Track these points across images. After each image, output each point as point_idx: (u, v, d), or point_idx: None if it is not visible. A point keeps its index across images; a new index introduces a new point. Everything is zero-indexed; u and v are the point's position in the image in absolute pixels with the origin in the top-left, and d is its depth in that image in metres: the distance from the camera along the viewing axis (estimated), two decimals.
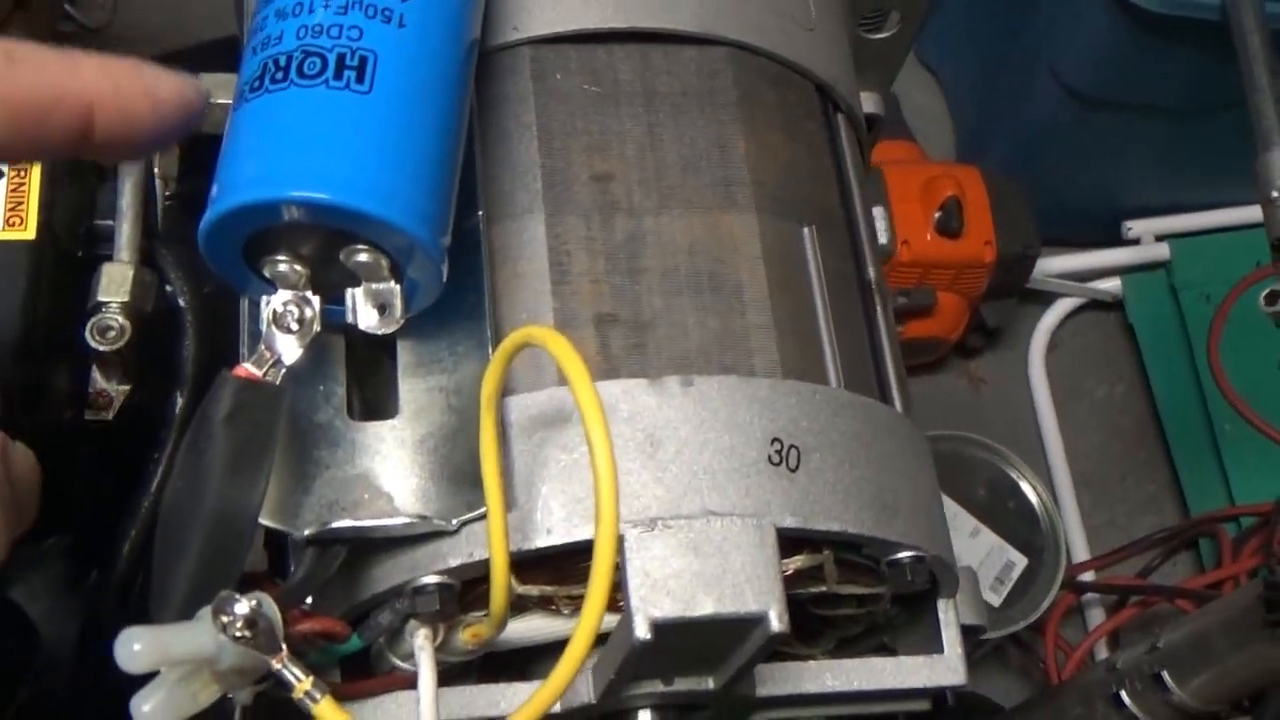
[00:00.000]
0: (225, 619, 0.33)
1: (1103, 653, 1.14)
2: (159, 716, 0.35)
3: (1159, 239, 1.29)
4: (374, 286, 0.38)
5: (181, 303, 0.47)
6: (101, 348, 0.43)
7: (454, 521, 0.38)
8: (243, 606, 0.34)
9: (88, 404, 0.45)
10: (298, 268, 0.38)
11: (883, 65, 0.54)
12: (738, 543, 0.38)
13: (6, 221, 0.43)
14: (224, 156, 0.37)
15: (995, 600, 1.11)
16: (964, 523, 1.13)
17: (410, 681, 0.40)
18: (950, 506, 1.13)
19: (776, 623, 0.37)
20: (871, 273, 0.47)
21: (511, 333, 0.36)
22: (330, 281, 0.38)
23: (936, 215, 1.17)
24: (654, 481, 0.38)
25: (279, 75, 0.37)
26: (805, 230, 0.44)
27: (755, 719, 0.47)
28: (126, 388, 0.45)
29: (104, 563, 0.46)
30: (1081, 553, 1.22)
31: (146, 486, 0.45)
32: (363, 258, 0.37)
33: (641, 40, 0.45)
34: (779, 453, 0.40)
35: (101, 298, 0.44)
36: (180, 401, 0.46)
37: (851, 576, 0.42)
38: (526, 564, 0.39)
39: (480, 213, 0.41)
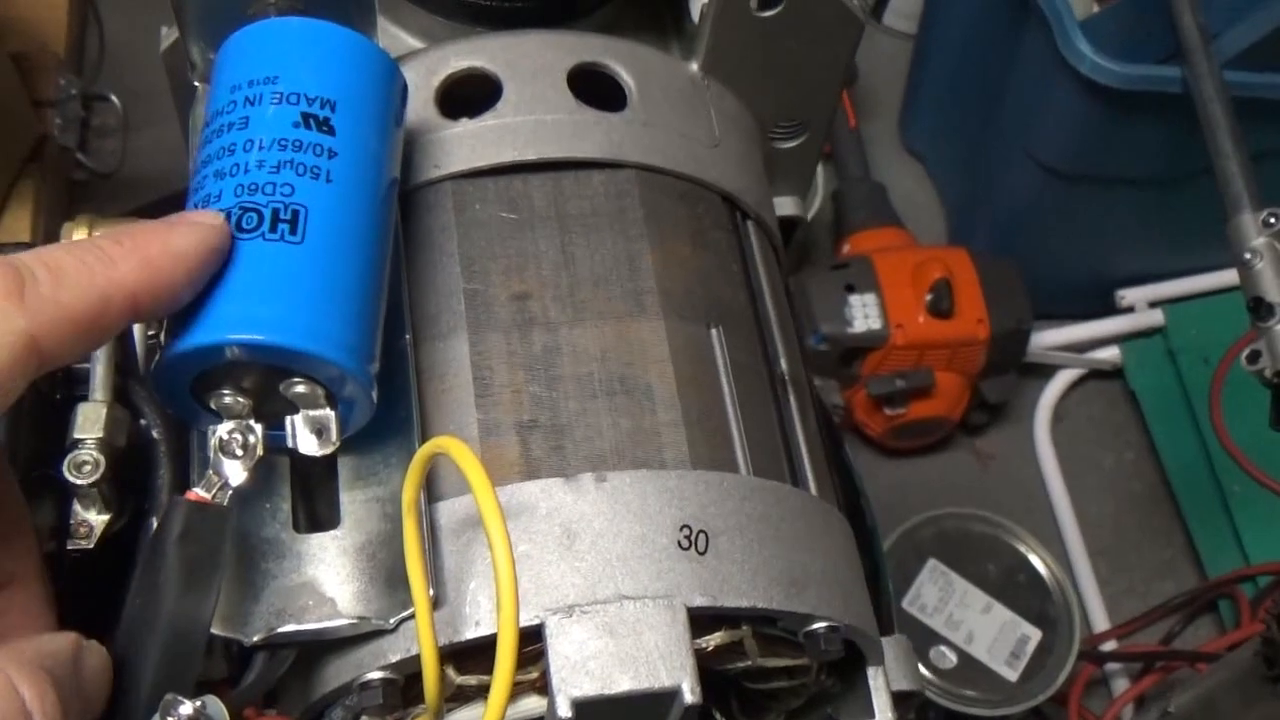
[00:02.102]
0: (171, 719, 0.37)
1: None
2: None
3: (1153, 305, 1.32)
4: (311, 413, 0.42)
5: (155, 435, 0.51)
6: (79, 481, 0.47)
7: (391, 620, 0.42)
8: (187, 708, 0.37)
9: (70, 534, 0.49)
10: (241, 400, 0.42)
11: (797, 171, 0.58)
12: (650, 623, 0.41)
13: None
14: None
15: (1012, 675, 1.12)
16: (975, 599, 1.14)
17: None
18: (960, 584, 1.15)
19: (689, 695, 0.40)
20: (784, 366, 0.51)
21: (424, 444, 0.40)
22: (272, 410, 0.42)
23: (927, 297, 1.20)
24: (571, 571, 0.42)
25: None
26: (713, 331, 0.48)
27: None
28: (106, 517, 0.49)
29: None
30: (1101, 622, 1.22)
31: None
32: (300, 389, 0.42)
33: (554, 169, 0.49)
34: (688, 538, 0.43)
35: (77, 435, 0.48)
36: (154, 526, 0.50)
37: (774, 650, 0.45)
38: (463, 655, 0.43)
39: (408, 336, 0.46)
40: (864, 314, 1.20)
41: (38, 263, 0.35)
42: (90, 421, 0.49)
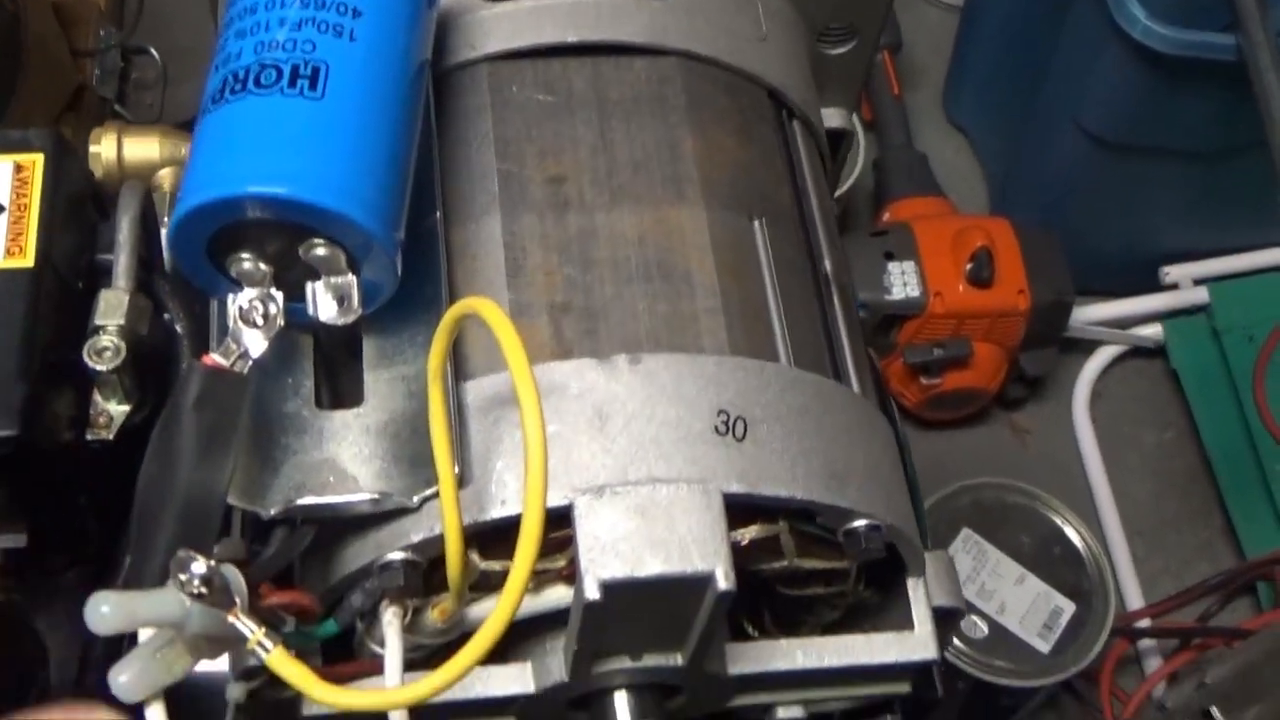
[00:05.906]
0: (184, 576, 0.35)
1: None
2: (134, 686, 0.37)
3: (1197, 283, 1.29)
4: (333, 280, 0.41)
5: (178, 329, 0.50)
6: (98, 367, 0.46)
7: (415, 499, 0.40)
8: (200, 565, 0.36)
9: (89, 424, 0.47)
10: (262, 266, 0.40)
11: (846, 82, 0.56)
12: (684, 507, 0.39)
13: (7, 251, 0.46)
14: (190, 163, 0.40)
15: (1044, 647, 1.09)
16: (1008, 569, 1.12)
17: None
18: (994, 554, 1.13)
19: (723, 581, 0.38)
20: (829, 265, 0.49)
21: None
22: (293, 280, 0.41)
23: (968, 266, 1.18)
24: (602, 452, 0.40)
25: (237, 86, 0.40)
26: (756, 223, 0.46)
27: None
28: (126, 408, 0.48)
29: (105, 573, 0.49)
30: (1136, 601, 1.20)
31: None
32: (320, 252, 0.40)
33: (593, 53, 0.48)
34: (725, 423, 0.41)
35: (99, 321, 0.47)
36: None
37: (811, 551, 0.43)
38: (488, 540, 0.41)
39: (438, 213, 0.44)
40: (902, 281, 1.18)
41: None
42: (112, 308, 0.47)
